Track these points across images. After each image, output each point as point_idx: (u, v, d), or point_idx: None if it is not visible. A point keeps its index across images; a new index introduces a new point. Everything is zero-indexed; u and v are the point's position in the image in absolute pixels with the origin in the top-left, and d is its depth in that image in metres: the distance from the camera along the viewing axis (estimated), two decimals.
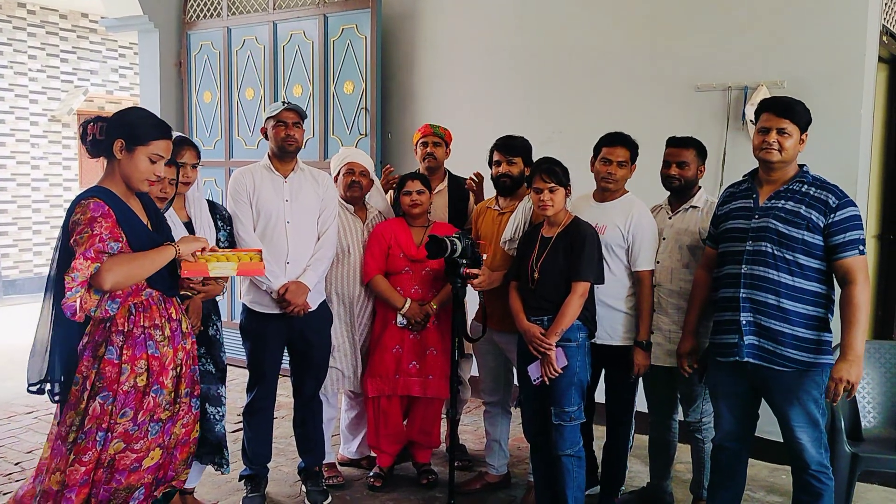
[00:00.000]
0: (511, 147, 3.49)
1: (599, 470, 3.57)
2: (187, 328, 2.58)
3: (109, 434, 2.33)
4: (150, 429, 2.42)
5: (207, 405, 3.19)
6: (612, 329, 3.28)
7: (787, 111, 2.76)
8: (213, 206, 3.35)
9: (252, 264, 2.61)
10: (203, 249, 2.51)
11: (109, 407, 2.33)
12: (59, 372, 2.39)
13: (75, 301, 2.20)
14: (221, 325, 3.32)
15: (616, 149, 3.28)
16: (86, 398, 2.33)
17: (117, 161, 2.40)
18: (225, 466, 3.30)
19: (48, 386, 2.40)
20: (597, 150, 3.35)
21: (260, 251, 2.77)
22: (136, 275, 2.32)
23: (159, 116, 6.08)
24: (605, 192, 3.35)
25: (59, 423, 2.38)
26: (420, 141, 4.03)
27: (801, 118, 2.77)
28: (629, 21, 4.51)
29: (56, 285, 2.31)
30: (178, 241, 2.45)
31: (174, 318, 2.52)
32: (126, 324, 2.37)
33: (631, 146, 3.31)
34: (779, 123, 2.75)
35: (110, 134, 2.38)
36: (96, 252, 2.22)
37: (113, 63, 10.03)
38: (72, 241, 2.27)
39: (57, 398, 2.40)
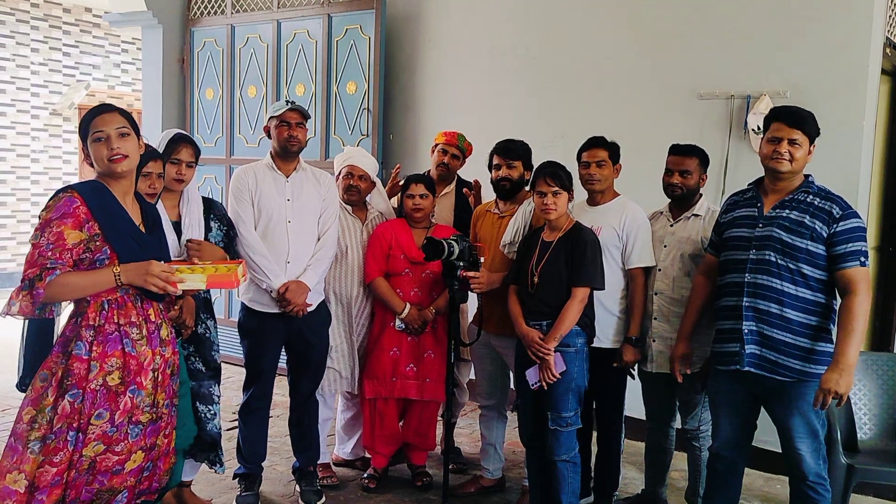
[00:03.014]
0: (511, 151, 3.49)
1: (592, 482, 3.56)
2: (167, 336, 2.49)
3: (81, 434, 2.25)
4: (129, 431, 2.34)
5: (198, 403, 3.17)
6: (603, 331, 3.29)
7: (800, 122, 2.77)
8: (210, 203, 3.31)
9: (223, 275, 2.45)
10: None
11: (80, 405, 2.24)
12: (28, 367, 2.35)
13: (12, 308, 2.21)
14: (215, 323, 3.30)
15: (592, 151, 3.34)
16: (51, 396, 2.24)
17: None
18: (219, 465, 3.29)
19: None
20: (579, 158, 3.39)
21: (242, 262, 2.68)
22: (63, 298, 2.27)
23: (161, 113, 6.08)
24: (593, 194, 3.40)
25: (16, 420, 2.28)
26: (440, 147, 3.99)
27: (811, 129, 2.78)
28: (633, 27, 4.51)
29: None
30: (124, 269, 2.28)
31: (152, 320, 2.42)
32: (97, 318, 2.29)
33: (608, 146, 3.35)
34: (790, 134, 2.75)
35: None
36: (28, 264, 2.20)
37: (115, 58, 10.03)
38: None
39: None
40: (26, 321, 2.37)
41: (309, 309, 3.44)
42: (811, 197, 2.77)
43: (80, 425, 2.25)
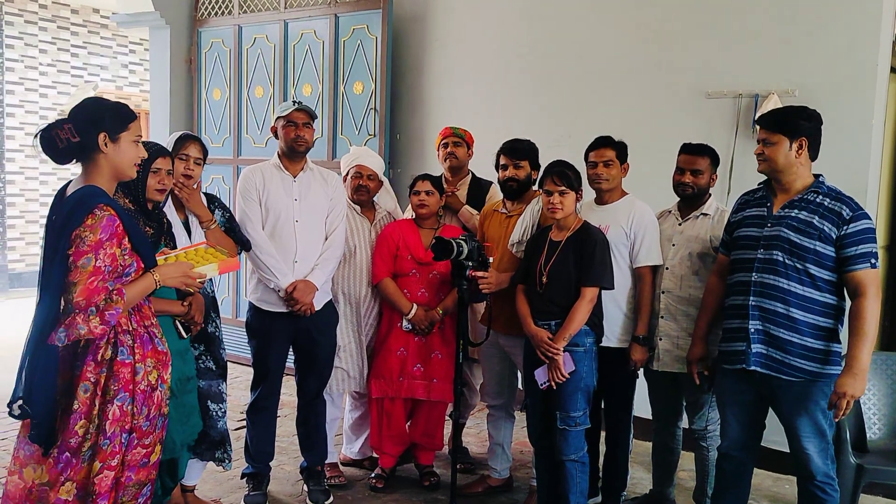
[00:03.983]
0: (517, 151, 3.49)
1: (601, 482, 3.55)
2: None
3: (133, 435, 2.34)
4: (157, 423, 2.44)
5: (209, 402, 3.19)
6: (611, 330, 3.28)
7: (774, 123, 2.80)
8: (210, 196, 3.34)
9: (228, 262, 2.63)
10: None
11: (129, 408, 2.32)
12: (29, 388, 2.25)
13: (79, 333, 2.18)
14: (220, 322, 3.32)
15: (600, 150, 3.34)
16: (97, 404, 2.28)
17: (103, 155, 2.31)
18: (226, 462, 3.29)
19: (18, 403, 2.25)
20: (586, 157, 3.40)
21: (213, 245, 2.73)
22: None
23: (169, 113, 6.09)
24: (602, 193, 3.40)
25: (69, 435, 2.27)
26: (441, 143, 4.05)
27: (790, 128, 2.76)
28: (639, 26, 4.50)
29: (44, 289, 2.24)
30: (161, 274, 2.39)
31: (154, 316, 2.53)
32: (129, 323, 2.36)
33: (616, 146, 3.35)
34: (763, 135, 2.81)
35: (88, 131, 2.29)
36: (91, 290, 2.17)
37: (123, 59, 10.07)
38: (71, 254, 2.18)
39: (20, 416, 2.25)
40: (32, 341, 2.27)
41: (316, 308, 3.45)
42: (821, 197, 2.76)
43: (133, 426, 2.34)
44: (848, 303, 2.75)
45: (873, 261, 2.67)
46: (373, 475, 3.85)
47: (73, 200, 2.26)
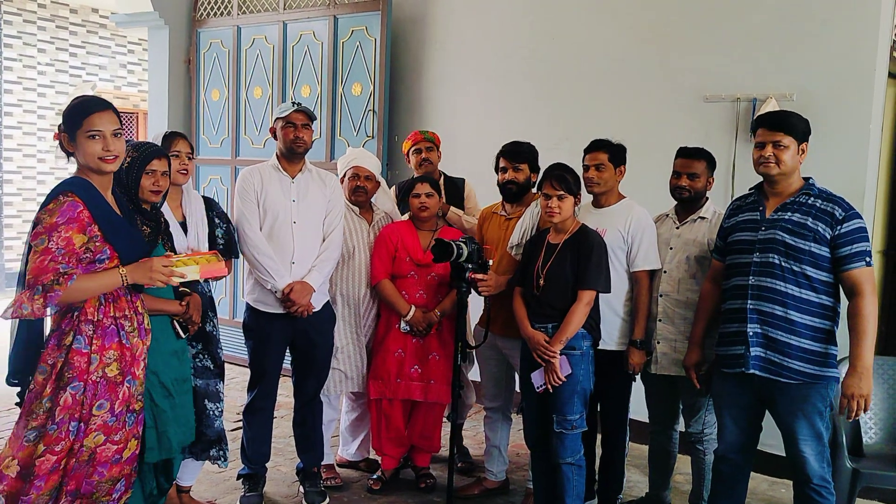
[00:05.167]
0: (517, 154, 3.49)
1: (597, 485, 3.55)
2: (148, 325, 2.57)
3: (83, 424, 2.33)
4: (127, 419, 2.43)
5: (206, 401, 3.19)
6: (608, 333, 3.28)
7: (781, 124, 2.80)
8: (209, 202, 3.34)
9: (214, 265, 2.64)
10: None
11: (81, 397, 2.32)
12: (22, 361, 2.41)
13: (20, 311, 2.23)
14: (217, 321, 3.32)
15: (593, 153, 3.34)
16: (49, 387, 2.31)
17: (75, 156, 2.40)
18: (223, 460, 3.29)
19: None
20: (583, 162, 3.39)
21: (216, 252, 2.76)
22: (76, 299, 2.31)
23: (167, 114, 6.07)
24: (596, 196, 3.39)
25: (21, 414, 2.36)
26: (412, 149, 4.08)
27: (796, 130, 2.78)
28: (639, 30, 4.50)
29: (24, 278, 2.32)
30: (129, 269, 2.38)
31: (140, 311, 2.52)
32: (96, 313, 2.37)
33: (609, 149, 3.33)
34: (773, 137, 2.79)
35: (59, 133, 2.40)
36: (39, 269, 2.24)
37: (122, 59, 10.05)
38: (31, 236, 2.30)
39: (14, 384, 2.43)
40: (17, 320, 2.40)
41: (313, 310, 3.44)
42: (812, 199, 2.77)
43: (82, 416, 2.33)
44: (843, 305, 2.76)
45: (868, 259, 2.69)
46: (374, 476, 3.85)
47: (54, 189, 2.36)
